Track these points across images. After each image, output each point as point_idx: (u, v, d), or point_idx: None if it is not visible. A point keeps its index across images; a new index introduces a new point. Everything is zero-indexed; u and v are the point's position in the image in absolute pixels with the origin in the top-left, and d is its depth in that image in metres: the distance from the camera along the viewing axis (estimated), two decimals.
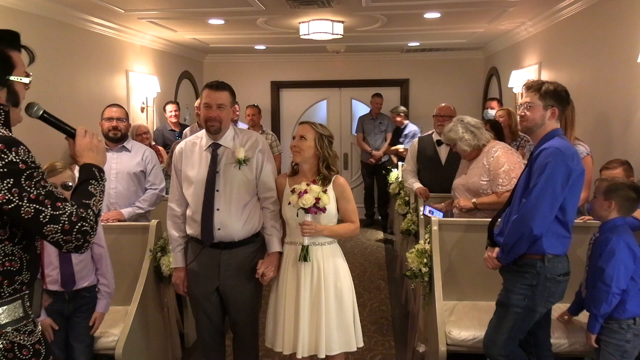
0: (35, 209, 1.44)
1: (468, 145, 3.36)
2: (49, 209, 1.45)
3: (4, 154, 1.42)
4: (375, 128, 7.30)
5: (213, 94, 2.64)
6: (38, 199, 1.45)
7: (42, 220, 1.45)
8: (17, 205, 1.43)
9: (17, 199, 1.42)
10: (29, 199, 1.44)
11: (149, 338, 3.16)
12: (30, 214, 1.44)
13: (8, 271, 1.52)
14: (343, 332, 2.61)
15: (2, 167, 1.41)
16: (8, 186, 1.41)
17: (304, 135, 2.64)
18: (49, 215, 1.45)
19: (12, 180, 1.42)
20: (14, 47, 1.55)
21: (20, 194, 1.42)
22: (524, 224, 2.32)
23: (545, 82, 2.47)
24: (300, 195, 2.49)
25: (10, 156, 1.42)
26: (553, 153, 2.31)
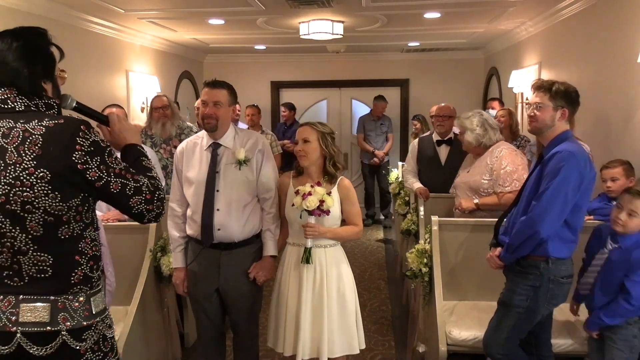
0: (121, 182, 1.53)
1: (475, 139, 3.34)
2: (131, 182, 1.55)
3: (87, 134, 1.50)
4: (376, 129, 7.32)
5: (210, 91, 2.64)
6: (121, 173, 1.54)
7: (129, 193, 1.54)
8: (107, 180, 1.51)
9: (106, 175, 1.51)
10: (115, 174, 1.53)
11: (149, 338, 3.16)
12: (118, 188, 1.53)
13: (95, 256, 1.60)
14: (345, 335, 2.60)
15: (89, 146, 1.49)
16: (97, 163, 1.50)
17: (306, 138, 2.61)
18: (133, 188, 1.55)
19: (99, 157, 1.50)
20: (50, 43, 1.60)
21: (107, 169, 1.51)
22: (532, 226, 2.31)
23: (555, 82, 2.43)
24: (305, 197, 2.48)
25: (92, 136, 1.51)
26: (567, 157, 2.28)
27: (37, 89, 1.54)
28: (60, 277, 1.51)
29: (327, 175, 2.65)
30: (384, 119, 7.39)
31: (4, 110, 1.50)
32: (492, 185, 3.27)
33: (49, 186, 1.46)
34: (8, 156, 1.45)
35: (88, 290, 1.56)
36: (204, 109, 2.64)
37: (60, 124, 1.49)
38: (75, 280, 1.53)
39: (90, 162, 1.49)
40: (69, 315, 1.51)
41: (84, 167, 1.48)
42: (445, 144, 4.36)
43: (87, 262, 1.56)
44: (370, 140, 7.33)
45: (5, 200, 1.45)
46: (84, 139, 1.48)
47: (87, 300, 1.55)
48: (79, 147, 1.47)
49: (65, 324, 1.50)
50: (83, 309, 1.54)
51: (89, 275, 1.56)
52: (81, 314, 1.53)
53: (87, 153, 1.48)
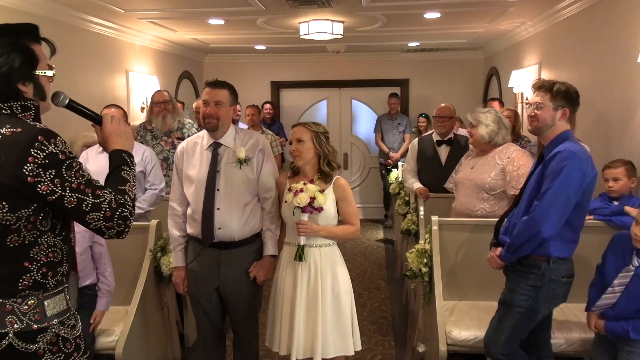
0: (77, 198, 1.46)
1: (488, 134, 3.31)
2: (90, 198, 1.48)
3: (44, 145, 1.43)
4: (393, 128, 7.30)
5: (211, 91, 2.65)
6: (79, 188, 1.47)
7: (85, 209, 1.47)
8: (60, 195, 1.44)
9: (60, 189, 1.44)
10: (71, 189, 1.46)
11: (148, 338, 3.16)
12: (73, 203, 1.46)
13: (52, 262, 1.53)
14: (340, 335, 2.59)
15: (44, 159, 1.42)
16: (50, 177, 1.43)
17: (300, 138, 2.62)
18: (90, 204, 1.47)
19: (54, 171, 1.43)
20: (34, 40, 1.55)
21: (62, 184, 1.44)
22: (534, 225, 2.30)
23: (556, 82, 2.42)
24: (296, 194, 2.49)
25: (50, 147, 1.44)
26: (569, 157, 2.28)
27: (11, 92, 1.49)
28: (7, 282, 1.47)
29: (322, 174, 2.65)
30: (401, 118, 7.36)
31: None
32: (503, 185, 3.24)
33: None
34: None
35: (40, 294, 1.51)
36: (205, 108, 2.65)
37: (17, 133, 1.43)
38: (23, 287, 1.48)
39: (42, 175, 1.42)
40: (17, 318, 1.47)
41: (34, 180, 1.41)
42: (446, 144, 4.36)
43: (38, 269, 1.50)
44: (387, 140, 7.32)
45: None
46: (39, 151, 1.42)
47: (38, 303, 1.50)
48: (32, 159, 1.41)
49: (13, 326, 1.46)
50: (33, 312, 1.49)
51: (41, 282, 1.51)
52: (31, 317, 1.49)
53: (40, 165, 1.41)
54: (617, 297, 2.41)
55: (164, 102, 4.28)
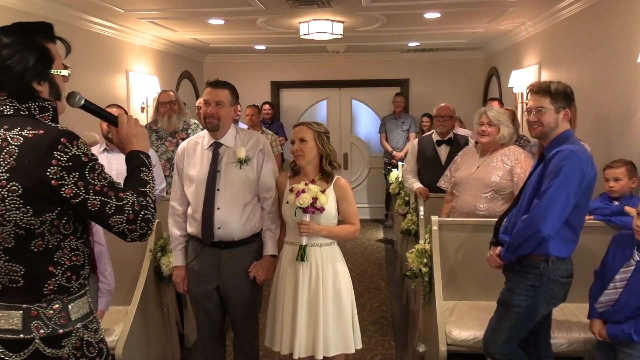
0: (101, 200, 1.44)
1: (509, 134, 3.34)
2: (113, 200, 1.45)
3: (67, 147, 1.40)
4: (397, 127, 7.30)
5: (212, 91, 2.66)
6: (102, 190, 1.45)
7: (108, 212, 1.45)
8: (84, 198, 1.42)
9: (84, 192, 1.42)
10: (95, 191, 1.43)
11: (149, 338, 3.16)
12: (96, 207, 1.44)
13: (75, 266, 1.52)
14: (341, 334, 2.60)
15: (67, 161, 1.40)
16: (74, 180, 1.41)
17: (303, 138, 2.62)
18: (114, 207, 1.45)
19: (78, 173, 1.41)
20: (49, 39, 1.52)
21: (86, 187, 1.42)
22: (534, 224, 2.30)
23: (551, 83, 2.41)
24: (298, 195, 2.49)
25: (73, 149, 1.41)
26: (569, 156, 2.27)
27: (27, 92, 1.46)
28: (32, 287, 1.46)
29: (324, 174, 2.66)
30: (405, 117, 7.36)
31: None
32: (511, 186, 3.24)
33: (20, 200, 1.38)
34: None
35: (65, 298, 1.50)
36: (206, 108, 2.66)
37: (39, 135, 1.40)
38: (48, 291, 1.47)
39: (66, 179, 1.39)
40: (43, 323, 1.46)
41: (58, 183, 1.39)
42: (446, 143, 4.36)
43: (63, 273, 1.49)
44: (391, 139, 7.32)
45: None
46: (62, 153, 1.39)
47: (63, 307, 1.49)
48: (55, 162, 1.38)
49: (38, 331, 1.45)
50: (59, 316, 1.48)
51: (65, 286, 1.50)
52: (56, 322, 1.48)
53: (64, 168, 1.39)
54: (619, 292, 2.41)
55: (170, 102, 4.28)
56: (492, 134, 3.32)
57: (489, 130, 3.32)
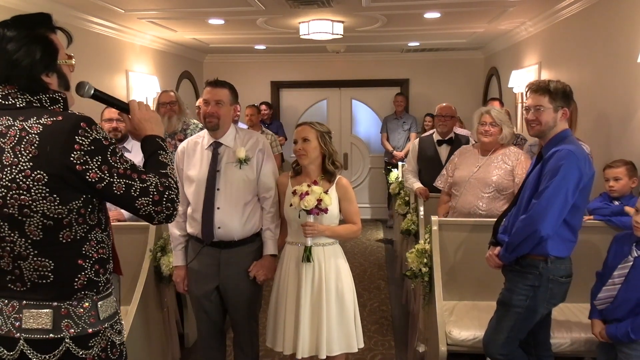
0: (125, 183, 1.42)
1: (510, 134, 3.37)
2: (137, 182, 1.44)
3: (87, 132, 1.39)
4: (398, 127, 7.31)
5: (212, 90, 2.66)
6: (126, 173, 1.43)
7: (134, 194, 1.43)
8: (109, 182, 1.41)
9: (108, 176, 1.41)
10: (119, 174, 1.42)
11: (149, 338, 3.16)
12: (122, 190, 1.42)
13: (102, 259, 1.51)
14: (344, 333, 2.61)
15: (89, 145, 1.38)
16: (97, 164, 1.39)
17: (306, 137, 2.62)
18: (139, 189, 1.44)
19: (100, 157, 1.40)
20: (50, 29, 1.50)
21: (109, 170, 1.41)
22: (532, 224, 2.30)
23: (550, 82, 2.41)
24: (302, 197, 2.49)
25: (94, 134, 1.40)
26: (567, 156, 2.27)
27: (37, 84, 1.44)
28: (62, 283, 1.44)
29: (326, 173, 2.66)
30: (407, 117, 7.37)
31: (5, 107, 1.42)
32: (512, 186, 3.24)
33: (46, 189, 1.37)
34: (5, 157, 1.37)
35: (94, 296, 1.48)
36: (206, 108, 2.66)
37: (58, 121, 1.39)
38: (79, 286, 1.45)
39: (90, 163, 1.38)
40: (73, 322, 1.44)
41: (82, 167, 1.37)
42: (446, 143, 4.37)
43: (91, 266, 1.47)
44: (392, 139, 7.32)
45: (3, 204, 1.38)
46: (84, 137, 1.38)
47: (93, 305, 1.47)
48: (78, 147, 1.37)
49: (68, 331, 1.43)
50: (88, 315, 1.46)
51: (94, 280, 1.48)
52: (86, 321, 1.46)
53: (87, 152, 1.38)
54: (617, 289, 2.41)
55: (170, 103, 4.26)
56: (494, 134, 3.32)
57: (491, 130, 3.32)
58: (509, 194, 3.26)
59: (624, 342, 2.39)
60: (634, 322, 2.35)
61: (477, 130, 3.39)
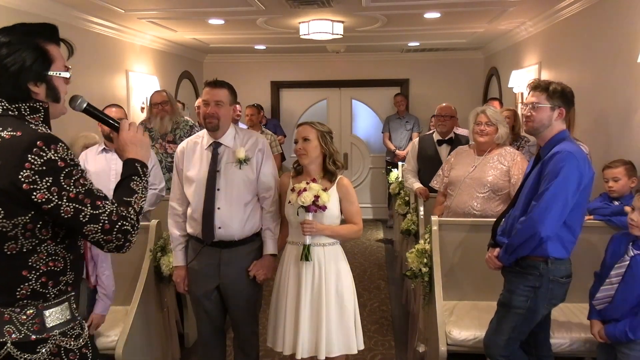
0: (75, 208, 1.40)
1: (506, 134, 3.35)
2: (88, 208, 1.41)
3: (43, 151, 1.37)
4: (401, 127, 7.31)
5: (211, 91, 2.66)
6: (77, 197, 1.40)
7: (82, 220, 1.41)
8: (56, 204, 1.38)
9: (57, 198, 1.38)
10: (69, 198, 1.39)
11: (149, 338, 3.16)
12: (69, 214, 1.40)
13: (52, 271, 1.47)
14: (343, 334, 2.60)
15: (41, 165, 1.36)
16: (47, 185, 1.37)
17: (306, 137, 2.63)
18: (88, 215, 1.41)
19: (51, 178, 1.37)
20: (52, 40, 1.49)
21: (59, 192, 1.38)
22: (532, 226, 2.30)
23: (552, 82, 2.43)
24: (300, 194, 2.50)
25: (49, 154, 1.37)
26: (567, 158, 2.28)
27: (20, 92, 1.43)
28: (5, 290, 1.43)
29: (327, 173, 2.66)
30: (409, 117, 7.36)
31: None
32: (508, 187, 3.25)
33: None
34: None
35: (40, 304, 1.46)
36: (206, 108, 2.65)
37: (16, 137, 1.37)
38: (21, 296, 1.44)
39: (38, 183, 1.35)
40: (15, 328, 1.43)
41: (30, 187, 1.35)
42: (446, 143, 4.37)
43: (37, 278, 1.44)
44: (394, 138, 7.31)
45: None
46: (37, 157, 1.35)
47: (37, 313, 1.45)
48: (29, 165, 1.35)
49: (10, 336, 1.42)
50: (32, 322, 1.44)
51: (40, 292, 1.45)
52: (29, 328, 1.44)
53: (37, 172, 1.35)
54: (615, 288, 2.42)
55: (162, 103, 4.24)
56: (490, 134, 3.32)
57: (487, 130, 3.31)
58: (504, 195, 3.26)
59: (623, 342, 2.39)
60: (631, 321, 2.35)
61: (472, 130, 3.39)
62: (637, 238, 2.41)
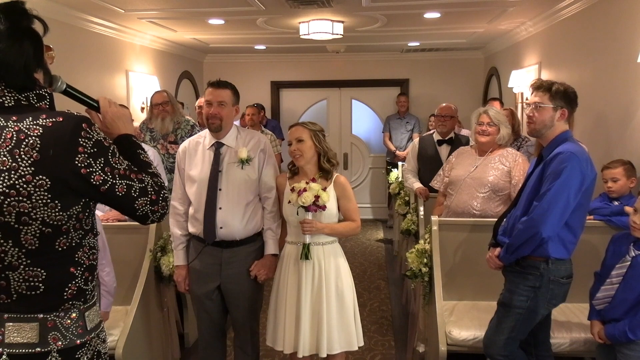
0: (127, 184, 1.40)
1: (508, 135, 3.35)
2: (136, 183, 1.42)
3: (89, 133, 1.35)
4: (401, 127, 7.31)
5: (214, 91, 2.66)
6: (126, 174, 1.41)
7: (134, 195, 1.41)
8: (112, 184, 1.37)
9: (111, 178, 1.37)
10: (120, 175, 1.39)
11: (149, 338, 3.17)
12: (124, 191, 1.39)
13: (92, 265, 1.45)
14: (344, 332, 2.61)
15: (92, 147, 1.34)
16: (101, 165, 1.36)
17: (300, 138, 2.63)
18: (138, 189, 1.42)
19: (103, 159, 1.36)
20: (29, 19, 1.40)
21: (112, 171, 1.38)
22: (533, 226, 2.30)
23: (555, 82, 2.42)
24: (300, 194, 2.51)
25: (95, 135, 1.36)
26: (569, 158, 2.27)
27: (31, 82, 1.38)
28: (52, 293, 1.38)
29: (323, 172, 2.67)
30: (410, 117, 7.36)
31: None
32: (508, 187, 3.25)
33: (48, 195, 1.31)
34: (1, 161, 1.29)
35: (81, 305, 1.43)
36: (209, 109, 2.66)
37: (58, 122, 1.32)
38: (69, 296, 1.39)
39: (94, 165, 1.33)
40: (60, 334, 1.38)
41: (87, 170, 1.33)
42: (446, 143, 4.37)
43: (82, 273, 1.42)
44: (394, 138, 7.31)
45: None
46: (86, 139, 1.33)
47: (80, 316, 1.42)
48: (82, 149, 1.32)
49: (56, 343, 1.36)
50: (76, 326, 1.40)
51: (84, 289, 1.42)
52: (74, 332, 1.40)
53: (91, 155, 1.33)
54: (615, 288, 2.42)
55: (163, 103, 4.23)
56: (492, 134, 3.31)
57: (489, 130, 3.31)
58: (505, 195, 3.26)
59: (623, 343, 2.39)
60: (631, 321, 2.35)
61: (474, 130, 3.39)
62: (638, 239, 2.41)
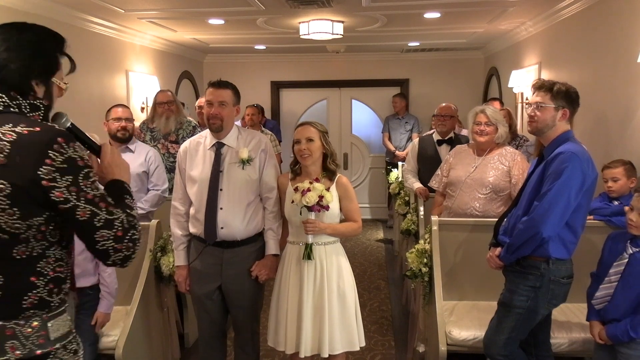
0: (91, 210, 1.34)
1: (506, 134, 3.35)
2: (103, 213, 1.36)
3: (63, 148, 1.32)
4: (400, 127, 7.30)
5: (215, 91, 2.66)
6: (94, 200, 1.35)
7: (97, 224, 1.35)
8: (74, 205, 1.33)
9: (75, 199, 1.33)
10: (86, 200, 1.34)
11: (149, 338, 3.17)
12: (86, 216, 1.34)
13: (58, 278, 1.41)
14: (346, 332, 2.62)
15: (62, 163, 1.31)
16: (66, 183, 1.32)
17: (310, 137, 2.63)
18: (103, 219, 1.36)
19: (71, 177, 1.32)
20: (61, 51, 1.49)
21: (77, 193, 1.33)
22: (534, 226, 2.30)
23: (557, 82, 2.42)
24: (304, 194, 2.50)
25: (70, 151, 1.33)
26: (570, 158, 2.27)
27: (23, 87, 1.39)
28: (10, 300, 1.33)
29: (327, 172, 2.67)
30: (409, 117, 7.35)
31: None
32: (509, 187, 3.25)
33: (7, 200, 1.29)
34: None
35: (45, 314, 1.37)
36: (209, 109, 2.66)
37: (35, 132, 1.31)
38: (28, 305, 1.35)
39: (58, 181, 1.30)
40: (20, 342, 1.33)
41: (49, 184, 1.30)
42: (446, 143, 4.36)
43: (46, 284, 1.37)
44: (393, 138, 7.31)
45: None
46: (58, 153, 1.31)
47: (42, 325, 1.36)
48: (50, 162, 1.29)
49: (14, 353, 1.31)
50: (37, 335, 1.35)
51: (47, 300, 1.38)
52: (34, 342, 1.35)
53: (58, 170, 1.30)
54: (614, 287, 2.41)
55: (168, 103, 4.25)
56: (490, 133, 3.31)
57: (487, 130, 3.31)
58: (506, 196, 3.26)
59: (624, 342, 2.38)
60: (633, 320, 2.35)
61: (472, 129, 3.38)
62: (634, 236, 2.41)
